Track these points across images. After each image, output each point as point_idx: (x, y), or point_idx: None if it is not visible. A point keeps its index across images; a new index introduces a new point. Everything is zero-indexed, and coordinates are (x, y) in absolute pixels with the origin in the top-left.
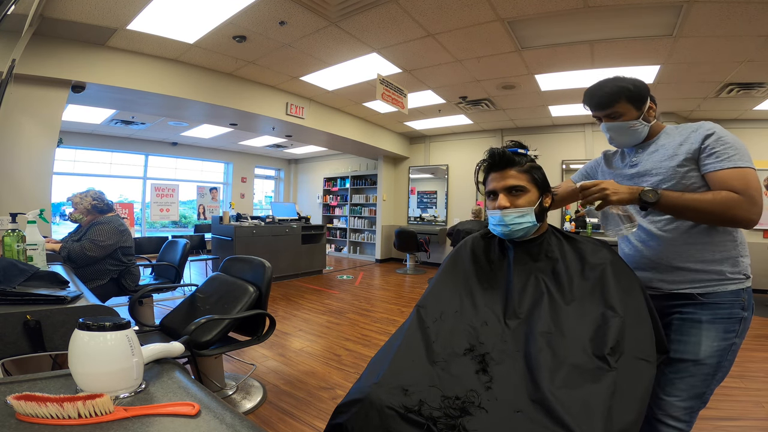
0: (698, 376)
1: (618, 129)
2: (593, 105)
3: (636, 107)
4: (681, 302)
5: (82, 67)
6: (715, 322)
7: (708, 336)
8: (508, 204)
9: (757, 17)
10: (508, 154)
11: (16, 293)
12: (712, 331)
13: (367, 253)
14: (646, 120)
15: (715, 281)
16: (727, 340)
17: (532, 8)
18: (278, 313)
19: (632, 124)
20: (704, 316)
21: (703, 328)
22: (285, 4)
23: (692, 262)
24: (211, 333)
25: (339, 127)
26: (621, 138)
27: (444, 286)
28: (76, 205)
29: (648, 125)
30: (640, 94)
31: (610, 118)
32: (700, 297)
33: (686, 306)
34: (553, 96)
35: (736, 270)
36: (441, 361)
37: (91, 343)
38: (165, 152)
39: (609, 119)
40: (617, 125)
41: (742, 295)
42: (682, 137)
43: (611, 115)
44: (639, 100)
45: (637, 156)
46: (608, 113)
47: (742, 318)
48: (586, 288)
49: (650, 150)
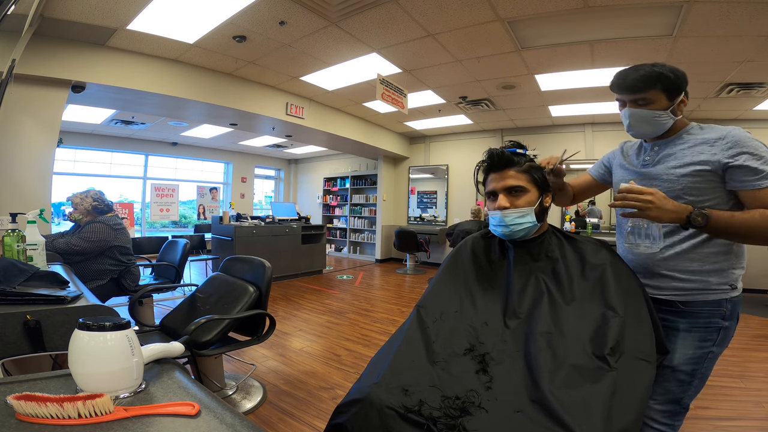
0: (673, 382)
1: (641, 117)
2: (624, 87)
3: (668, 97)
4: (662, 307)
5: (82, 67)
6: (692, 331)
7: (683, 344)
8: (508, 204)
9: (757, 17)
10: (507, 155)
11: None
12: (688, 339)
13: (367, 253)
14: (674, 113)
15: (696, 291)
16: (703, 349)
17: (532, 8)
18: (278, 313)
19: (658, 114)
20: (681, 324)
21: (680, 336)
22: (285, 4)
23: (678, 272)
24: (211, 333)
25: (339, 127)
26: (640, 127)
27: (444, 286)
28: (76, 205)
29: (674, 119)
30: (678, 85)
31: (636, 104)
32: (680, 305)
33: (667, 313)
34: (553, 96)
35: (723, 281)
36: (441, 361)
37: (91, 343)
38: (165, 152)
39: (635, 105)
40: (641, 113)
41: (724, 305)
42: (707, 144)
43: (639, 101)
44: (674, 91)
45: (652, 154)
46: (637, 98)
47: (721, 327)
48: (586, 288)
49: (666, 152)
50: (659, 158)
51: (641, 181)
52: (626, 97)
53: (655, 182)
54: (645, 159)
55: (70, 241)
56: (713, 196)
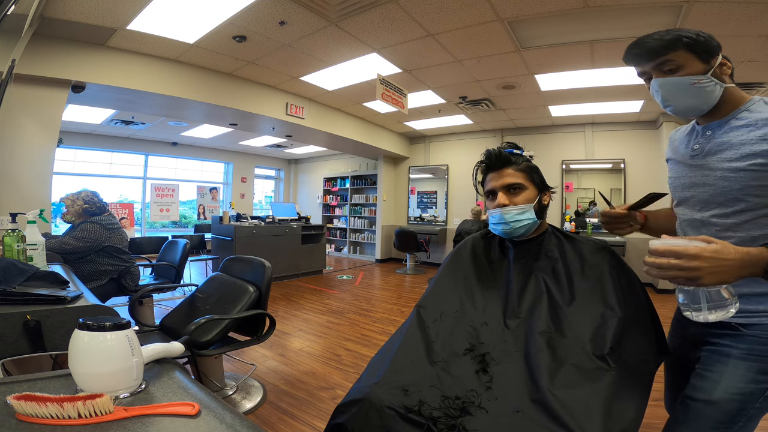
0: (705, 421)
1: (675, 86)
2: (641, 53)
3: (701, 58)
4: (719, 331)
5: (82, 67)
6: (748, 359)
7: (733, 374)
8: (507, 202)
9: (757, 17)
10: (505, 154)
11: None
12: (740, 368)
13: (367, 253)
14: (718, 78)
15: (763, 313)
16: (758, 383)
17: (532, 8)
18: (278, 313)
19: (697, 79)
20: (735, 350)
21: (730, 363)
22: (285, 4)
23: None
24: (211, 333)
25: (339, 127)
26: (679, 99)
27: (444, 286)
28: (67, 207)
29: (722, 86)
30: (707, 45)
31: (663, 72)
32: (742, 328)
33: (723, 337)
34: (553, 96)
35: None
36: (441, 361)
37: (91, 343)
38: (165, 152)
39: (662, 74)
40: (674, 81)
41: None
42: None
43: (665, 67)
44: (705, 51)
45: (703, 140)
46: (660, 63)
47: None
48: (585, 288)
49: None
50: (711, 146)
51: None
52: (648, 66)
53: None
54: (694, 147)
55: (63, 240)
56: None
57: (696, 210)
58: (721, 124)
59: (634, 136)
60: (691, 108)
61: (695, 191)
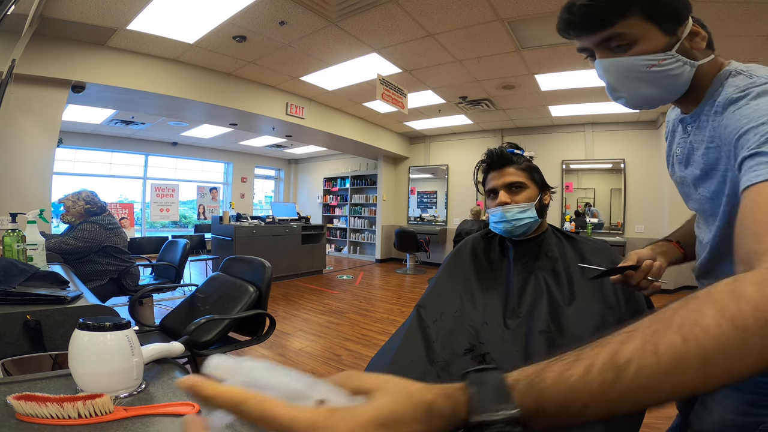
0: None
1: (627, 70)
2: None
3: (663, 29)
4: None
5: (82, 67)
6: (740, 390)
7: (722, 404)
8: (508, 200)
9: (757, 17)
10: (506, 153)
11: (16, 293)
12: (732, 400)
13: (367, 253)
14: (688, 54)
15: None
16: (750, 417)
17: (532, 8)
18: (278, 313)
19: (657, 59)
20: None
21: (721, 393)
22: (285, 4)
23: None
24: (211, 333)
25: (339, 127)
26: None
27: (444, 286)
28: (68, 208)
29: (692, 64)
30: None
31: (608, 48)
32: None
33: None
34: (553, 96)
35: None
36: (441, 362)
37: (91, 343)
38: (165, 152)
39: (606, 51)
40: (624, 62)
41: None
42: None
43: (612, 43)
44: (668, 17)
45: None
46: (606, 37)
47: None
48: (585, 287)
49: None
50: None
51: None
52: (588, 41)
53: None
54: (676, 151)
55: (62, 240)
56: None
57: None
58: (694, 118)
59: (634, 136)
60: (650, 99)
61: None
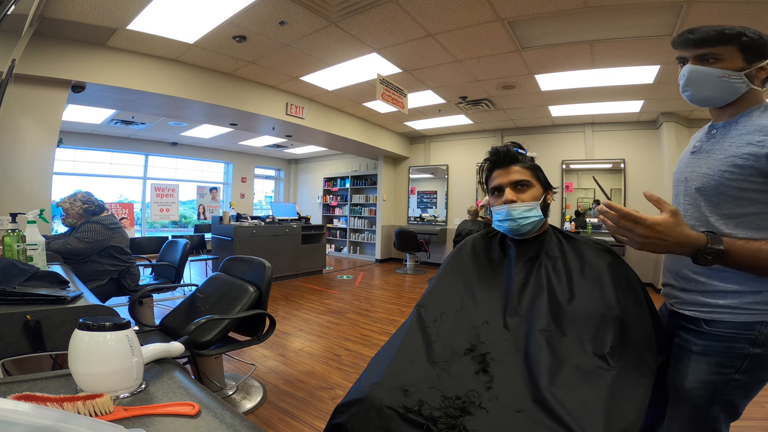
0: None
1: (702, 76)
2: (691, 40)
3: (746, 59)
4: (683, 324)
5: (82, 67)
6: (707, 354)
7: (696, 368)
8: (514, 198)
9: (757, 17)
10: (513, 151)
11: (16, 293)
12: (702, 363)
13: (367, 253)
14: (750, 78)
15: (725, 309)
16: (721, 375)
17: (532, 8)
18: (278, 313)
19: (727, 74)
20: (695, 347)
21: (692, 358)
22: (285, 4)
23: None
24: (211, 333)
25: (339, 127)
26: (699, 88)
27: (444, 285)
28: (66, 211)
29: (747, 86)
30: (762, 47)
31: (700, 60)
32: (704, 325)
33: (687, 331)
34: (553, 96)
35: (759, 300)
36: (441, 361)
37: (91, 343)
38: (165, 152)
39: (698, 61)
40: (704, 71)
41: (755, 329)
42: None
43: (705, 57)
44: (754, 53)
45: (705, 140)
46: (703, 53)
47: (749, 354)
48: (585, 287)
49: (722, 137)
50: (708, 146)
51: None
52: (689, 53)
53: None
54: (695, 144)
55: (67, 242)
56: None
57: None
58: (725, 126)
59: (634, 136)
60: (708, 99)
61: (683, 186)
